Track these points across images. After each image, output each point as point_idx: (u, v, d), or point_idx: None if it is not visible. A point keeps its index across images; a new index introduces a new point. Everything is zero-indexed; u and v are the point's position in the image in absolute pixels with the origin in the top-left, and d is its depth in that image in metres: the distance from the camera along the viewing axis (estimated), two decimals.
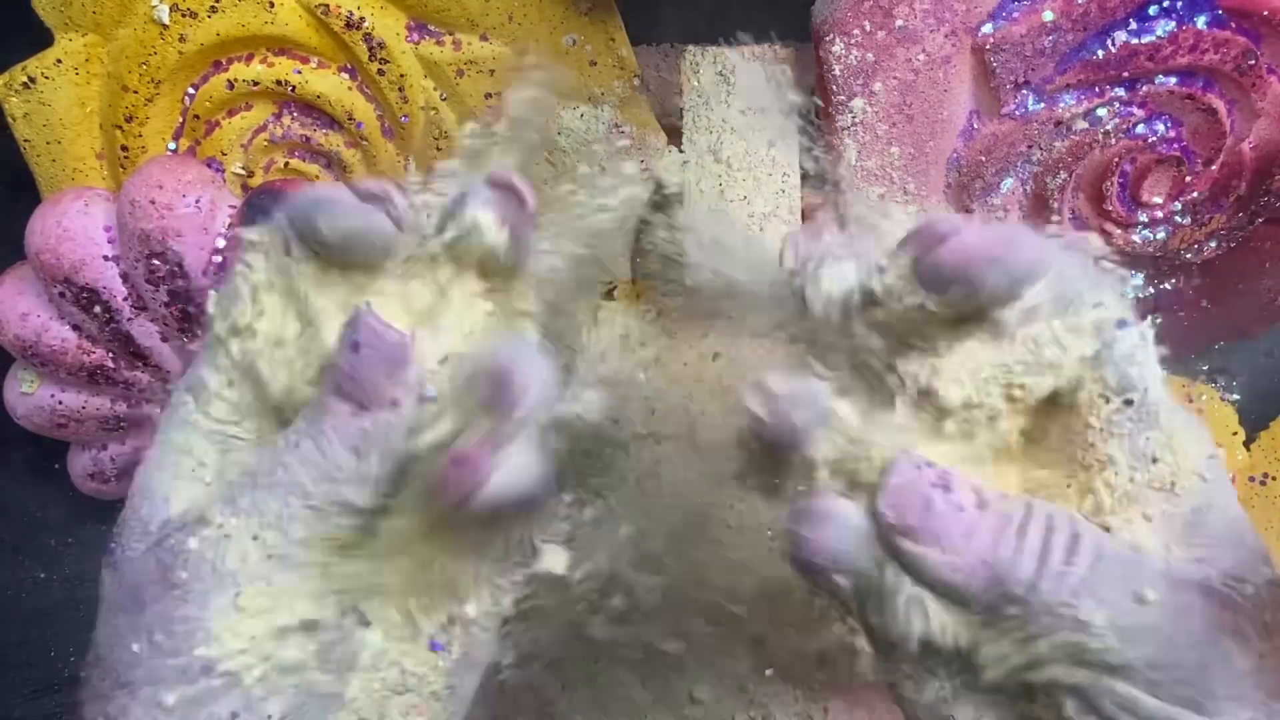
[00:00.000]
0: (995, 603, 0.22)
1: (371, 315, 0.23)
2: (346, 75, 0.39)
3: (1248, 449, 0.45)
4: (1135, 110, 0.37)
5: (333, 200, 0.23)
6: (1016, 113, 0.37)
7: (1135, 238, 0.39)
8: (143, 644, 0.22)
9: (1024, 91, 0.37)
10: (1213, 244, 0.39)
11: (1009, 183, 0.40)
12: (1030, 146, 0.38)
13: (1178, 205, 0.39)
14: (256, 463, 0.23)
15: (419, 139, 0.40)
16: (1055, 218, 0.39)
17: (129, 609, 0.23)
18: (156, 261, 0.38)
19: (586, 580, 0.44)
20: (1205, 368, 0.47)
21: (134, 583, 0.23)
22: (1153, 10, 0.35)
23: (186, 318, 0.39)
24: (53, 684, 0.49)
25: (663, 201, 0.42)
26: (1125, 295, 0.24)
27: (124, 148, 0.39)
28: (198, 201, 0.38)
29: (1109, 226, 0.39)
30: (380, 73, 0.38)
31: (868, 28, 0.36)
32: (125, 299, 0.39)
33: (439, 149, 0.40)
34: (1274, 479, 0.45)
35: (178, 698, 0.22)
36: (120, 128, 0.38)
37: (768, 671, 0.44)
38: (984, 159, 0.39)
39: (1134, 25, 0.35)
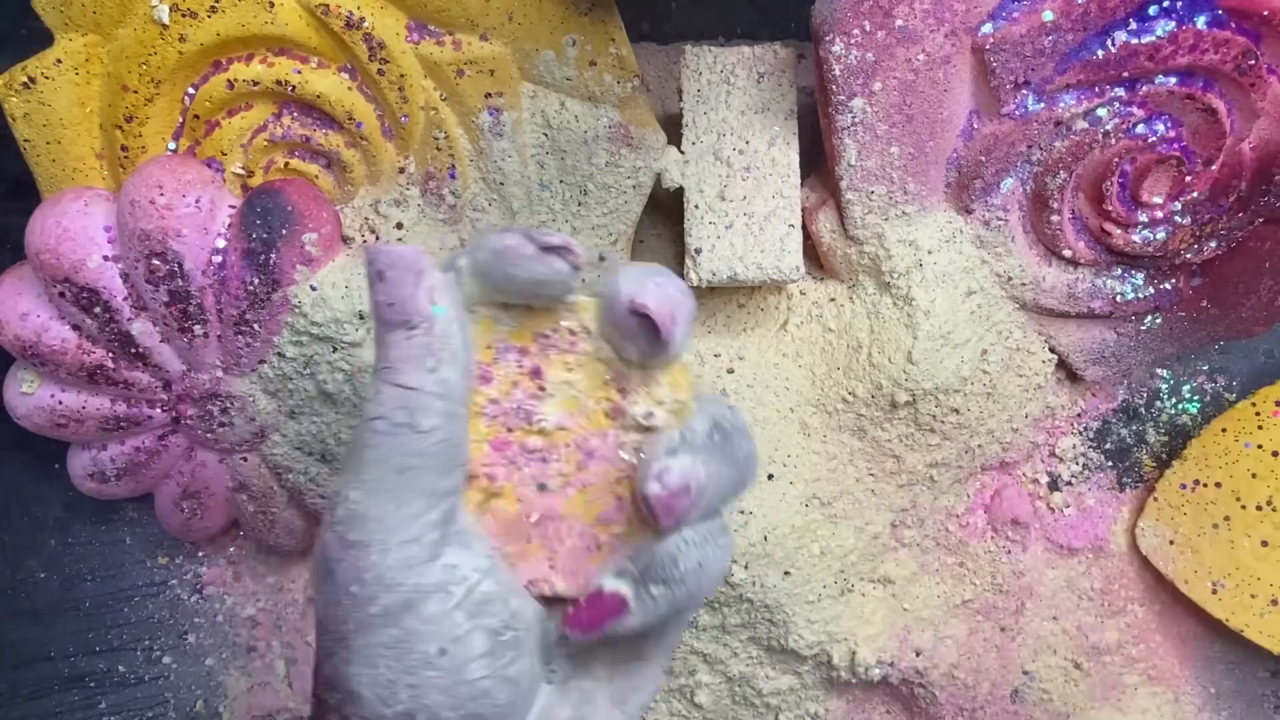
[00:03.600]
0: None
1: (382, 246, 0.25)
2: (346, 75, 0.39)
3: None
4: (1135, 110, 0.37)
5: (520, 251, 0.25)
6: (1016, 113, 0.37)
7: (1135, 238, 0.39)
8: (345, 602, 0.24)
9: (1024, 91, 0.37)
10: (1213, 244, 0.39)
11: (1009, 183, 0.40)
12: (1030, 146, 0.38)
13: (1178, 205, 0.39)
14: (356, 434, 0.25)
15: (419, 139, 0.40)
16: (1055, 217, 0.39)
17: (327, 578, 0.25)
18: (156, 261, 0.38)
19: None
20: (1205, 368, 0.48)
21: (322, 558, 0.25)
22: (1153, 10, 0.35)
23: (186, 317, 0.39)
24: (53, 684, 0.49)
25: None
26: None
27: (124, 148, 0.39)
28: (198, 201, 0.38)
29: (1109, 226, 0.39)
30: (380, 73, 0.38)
31: (868, 28, 0.36)
32: (125, 299, 0.39)
33: (439, 149, 0.40)
34: (1204, 485, 0.45)
35: (387, 638, 0.24)
36: (120, 128, 0.39)
37: (770, 670, 0.44)
38: (984, 159, 0.39)
39: (1134, 25, 0.35)
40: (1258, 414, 0.44)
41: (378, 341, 0.25)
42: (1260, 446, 0.44)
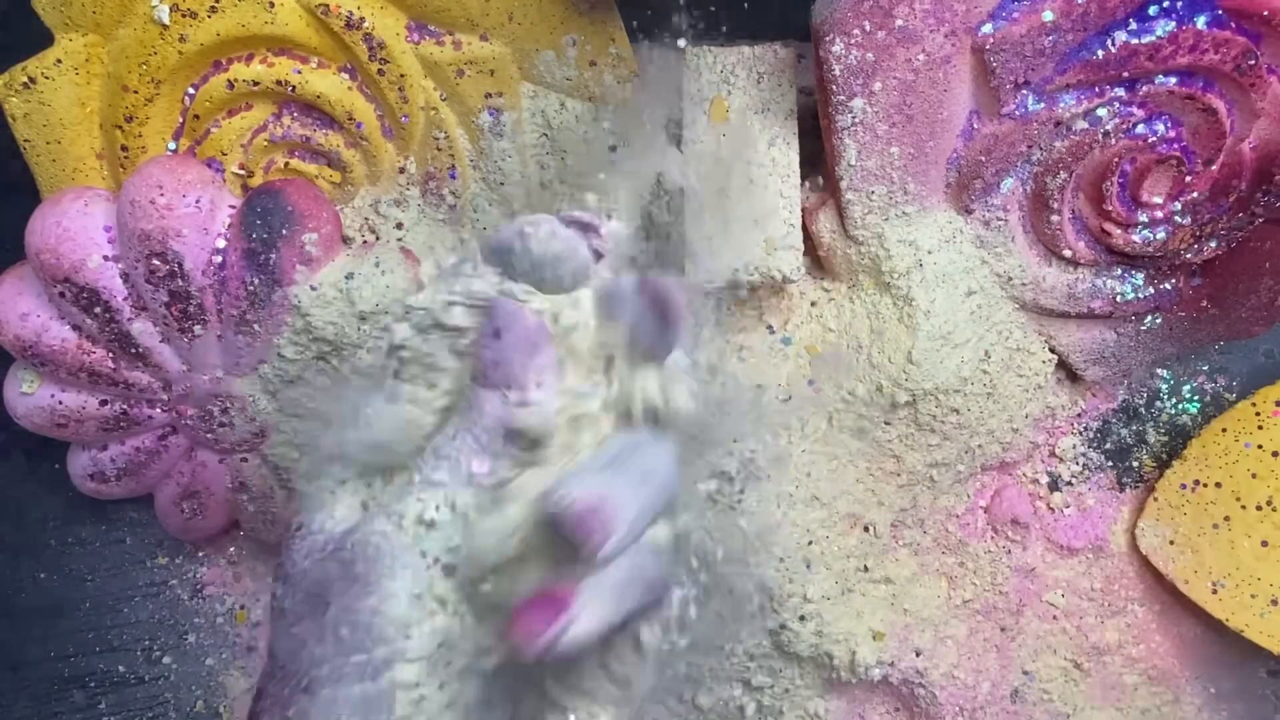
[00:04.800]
0: None
1: (509, 302, 0.24)
2: (346, 75, 0.39)
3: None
4: (1135, 110, 0.37)
5: (538, 224, 0.24)
6: (1016, 113, 0.37)
7: (1135, 238, 0.39)
8: (327, 643, 0.22)
9: (1024, 91, 0.37)
10: (1213, 244, 0.39)
11: (1009, 183, 0.40)
12: (1030, 146, 0.38)
13: (1178, 205, 0.39)
14: (417, 464, 0.24)
15: (419, 139, 0.40)
16: (1055, 217, 0.39)
17: (310, 614, 0.23)
18: (156, 261, 0.38)
19: None
20: (1205, 368, 0.48)
21: (314, 588, 0.23)
22: (1153, 10, 0.35)
23: (186, 317, 0.39)
24: (53, 684, 0.49)
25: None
26: None
27: (124, 148, 0.39)
28: (198, 201, 0.38)
29: (1109, 226, 0.39)
30: (380, 73, 0.38)
31: (868, 28, 0.36)
32: (125, 299, 0.39)
33: (439, 149, 0.40)
34: (1204, 485, 0.45)
35: (359, 694, 0.22)
36: (120, 128, 0.39)
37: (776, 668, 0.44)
38: (984, 159, 0.39)
39: (1134, 25, 0.35)
40: (1258, 414, 0.44)
41: (470, 388, 0.24)
42: (1260, 446, 0.44)
